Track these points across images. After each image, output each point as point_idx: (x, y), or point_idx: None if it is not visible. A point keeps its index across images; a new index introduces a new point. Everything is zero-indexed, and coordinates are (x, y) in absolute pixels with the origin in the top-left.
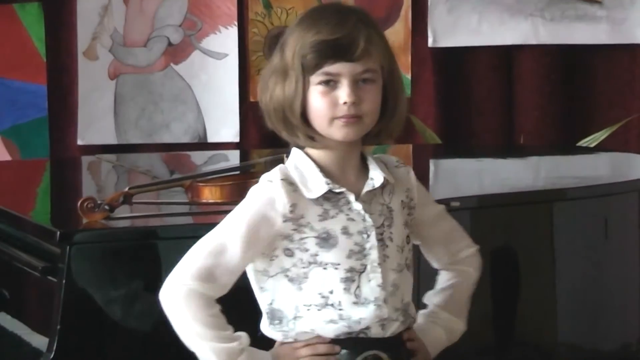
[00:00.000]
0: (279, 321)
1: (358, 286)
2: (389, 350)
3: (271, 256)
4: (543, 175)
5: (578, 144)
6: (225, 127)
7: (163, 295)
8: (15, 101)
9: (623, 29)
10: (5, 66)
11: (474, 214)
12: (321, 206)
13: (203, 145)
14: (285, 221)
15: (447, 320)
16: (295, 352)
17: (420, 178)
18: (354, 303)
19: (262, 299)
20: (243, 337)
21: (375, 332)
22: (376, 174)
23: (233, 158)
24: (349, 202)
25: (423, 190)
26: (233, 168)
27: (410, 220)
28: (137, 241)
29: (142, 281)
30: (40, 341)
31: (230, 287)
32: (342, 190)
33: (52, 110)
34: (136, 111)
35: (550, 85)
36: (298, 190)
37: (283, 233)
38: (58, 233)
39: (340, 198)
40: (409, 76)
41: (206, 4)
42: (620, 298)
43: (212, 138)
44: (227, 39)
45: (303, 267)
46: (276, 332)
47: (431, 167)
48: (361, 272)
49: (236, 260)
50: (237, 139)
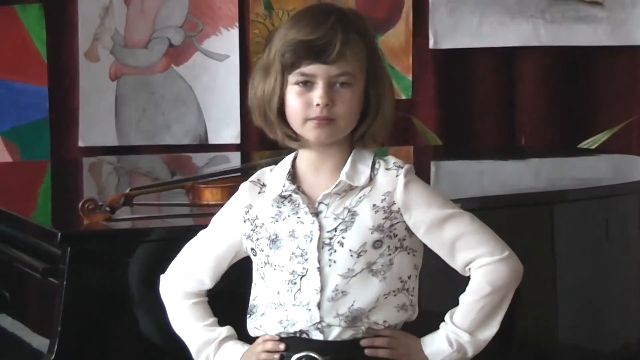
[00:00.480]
0: (250, 315)
1: (299, 289)
2: (328, 354)
3: (248, 254)
4: (544, 176)
5: (579, 146)
6: (226, 129)
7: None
8: (16, 102)
9: (624, 31)
10: (6, 67)
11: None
12: (277, 208)
13: (204, 146)
14: (244, 221)
15: (451, 331)
16: (255, 347)
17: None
18: (293, 305)
19: (251, 295)
20: (222, 330)
21: (315, 336)
22: (344, 177)
23: (234, 159)
24: (304, 205)
25: (417, 194)
26: (234, 170)
27: (390, 224)
28: (138, 243)
29: (143, 282)
30: (40, 342)
31: (209, 283)
32: (290, 193)
33: (53, 111)
34: (137, 112)
35: (551, 86)
36: (263, 192)
37: (246, 233)
38: (59, 234)
39: (298, 201)
40: (410, 77)
41: (207, 5)
42: (620, 299)
43: (213, 139)
44: (228, 40)
45: (262, 267)
46: (247, 325)
47: (432, 169)
48: (303, 276)
49: (205, 256)
50: (238, 141)
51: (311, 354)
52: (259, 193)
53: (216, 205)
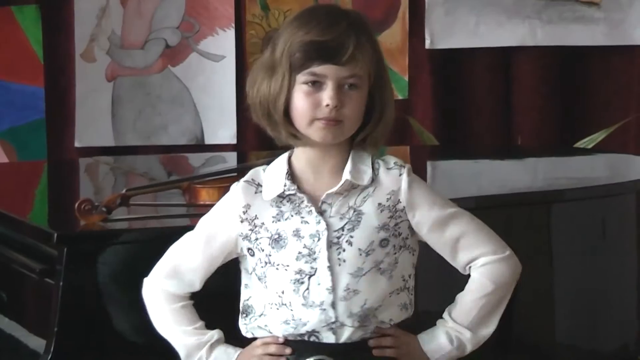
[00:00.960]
0: (246, 315)
1: (307, 288)
2: (340, 356)
3: (242, 255)
4: (541, 176)
5: (575, 145)
6: (222, 129)
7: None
8: (12, 103)
9: (620, 31)
10: (2, 68)
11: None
12: (278, 208)
13: (200, 147)
14: (242, 221)
15: (452, 328)
16: (252, 349)
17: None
18: (303, 305)
19: (243, 296)
20: (210, 334)
21: (326, 337)
22: (348, 176)
23: (230, 160)
24: (309, 205)
25: (420, 193)
26: (230, 170)
27: (395, 223)
28: (135, 243)
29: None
30: (37, 343)
31: (198, 285)
32: (293, 192)
33: (50, 112)
34: (134, 113)
35: (547, 86)
36: (259, 191)
37: (243, 233)
38: (55, 235)
39: (300, 200)
40: (407, 78)
41: (204, 6)
42: (618, 298)
43: (210, 140)
44: (225, 41)
45: (261, 267)
46: (241, 326)
47: (429, 169)
48: (311, 275)
49: (196, 258)
50: (235, 141)
51: (325, 358)
52: (255, 193)
53: (213, 205)
